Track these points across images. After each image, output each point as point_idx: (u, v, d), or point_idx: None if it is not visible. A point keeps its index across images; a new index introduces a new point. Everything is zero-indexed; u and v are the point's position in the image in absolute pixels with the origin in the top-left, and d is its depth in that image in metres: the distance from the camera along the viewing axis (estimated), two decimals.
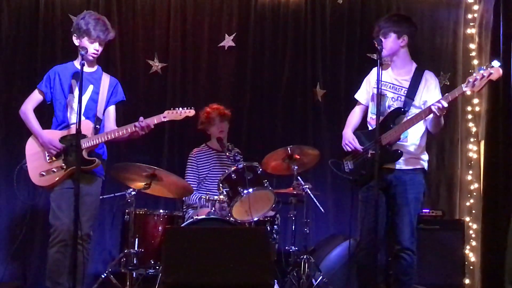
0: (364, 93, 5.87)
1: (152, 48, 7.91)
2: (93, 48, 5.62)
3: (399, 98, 5.59)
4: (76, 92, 5.64)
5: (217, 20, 8.03)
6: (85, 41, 5.62)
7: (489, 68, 5.09)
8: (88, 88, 5.66)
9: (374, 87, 5.63)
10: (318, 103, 8.05)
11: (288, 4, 8.10)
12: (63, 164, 5.56)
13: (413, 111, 5.51)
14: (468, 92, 5.40)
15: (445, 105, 5.21)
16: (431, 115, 5.35)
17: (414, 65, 5.71)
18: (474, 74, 5.15)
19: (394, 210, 5.58)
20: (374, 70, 5.69)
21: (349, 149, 5.72)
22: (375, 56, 5.52)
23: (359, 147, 5.67)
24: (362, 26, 8.07)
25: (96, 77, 5.77)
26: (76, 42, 5.69)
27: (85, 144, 5.49)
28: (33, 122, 5.70)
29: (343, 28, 8.14)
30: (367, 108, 5.86)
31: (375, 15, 7.95)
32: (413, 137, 5.56)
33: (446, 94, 5.32)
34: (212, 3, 8.02)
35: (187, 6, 7.96)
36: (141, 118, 5.60)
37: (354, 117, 5.92)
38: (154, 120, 5.65)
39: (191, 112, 5.79)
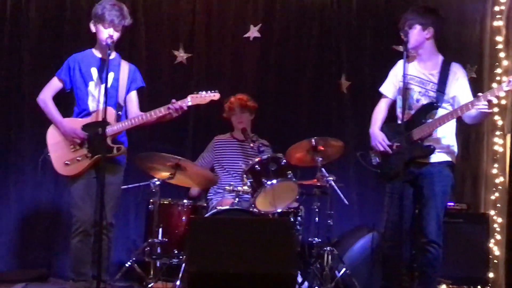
0: (391, 87, 5.82)
1: (177, 39, 7.92)
2: (108, 33, 5.55)
3: (426, 93, 5.55)
4: (97, 79, 5.65)
5: (242, 10, 8.03)
6: (100, 27, 5.60)
7: None
8: (108, 75, 5.59)
9: (400, 81, 5.59)
10: (343, 94, 8.03)
11: None
12: (88, 153, 5.56)
13: (444, 105, 5.48)
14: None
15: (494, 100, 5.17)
16: (474, 111, 5.29)
17: (441, 58, 5.66)
18: None
19: (421, 202, 5.56)
20: (400, 62, 5.66)
21: (381, 149, 5.68)
22: (401, 48, 5.48)
23: (388, 147, 5.63)
24: (388, 17, 8.01)
25: (116, 63, 5.76)
26: (92, 28, 5.68)
27: (109, 131, 5.50)
28: (53, 111, 5.69)
29: (369, 19, 8.10)
30: (392, 101, 5.82)
31: (401, 6, 7.85)
32: (444, 130, 5.52)
33: (492, 89, 5.25)
34: None
35: None
36: (173, 101, 5.57)
37: (379, 113, 5.87)
38: (180, 103, 5.61)
39: (216, 96, 5.73)
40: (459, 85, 5.53)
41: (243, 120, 7.04)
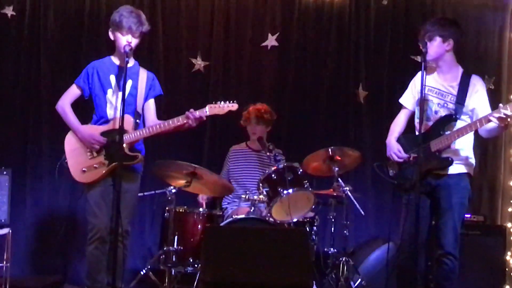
0: (410, 98, 5.78)
1: (195, 47, 7.93)
2: (126, 40, 5.54)
3: (445, 105, 5.51)
4: (116, 87, 5.66)
5: (260, 19, 8.04)
6: (118, 34, 5.59)
7: None
8: (127, 83, 5.58)
9: (419, 92, 5.57)
10: (360, 104, 8.01)
11: (332, 4, 8.07)
12: (105, 160, 5.56)
13: (462, 118, 5.45)
14: None
15: (508, 113, 5.13)
16: (490, 124, 5.27)
17: (461, 70, 5.62)
18: None
19: (438, 214, 5.52)
20: (420, 74, 5.64)
21: (396, 159, 5.65)
22: (418, 58, 5.46)
23: (405, 156, 5.61)
24: (406, 28, 8.01)
25: (134, 71, 5.75)
26: (111, 36, 5.67)
27: (126, 138, 5.50)
28: (71, 118, 5.69)
29: (387, 29, 8.09)
30: (412, 112, 5.79)
31: (419, 16, 7.89)
32: (462, 142, 5.48)
33: (506, 104, 5.21)
34: (256, 3, 8.03)
35: (230, 6, 7.97)
36: (191, 110, 5.56)
37: (398, 124, 5.83)
38: (199, 113, 5.59)
39: (234, 106, 5.69)
40: (478, 98, 5.49)
41: (257, 131, 7.02)
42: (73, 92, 5.77)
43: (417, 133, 5.65)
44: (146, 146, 5.87)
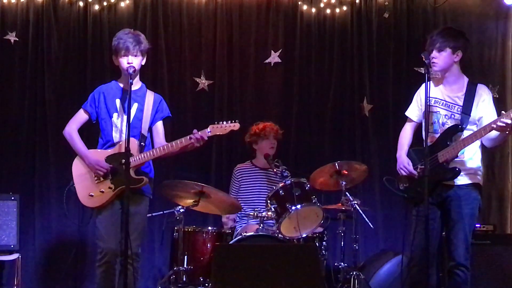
0: (416, 110, 5.76)
1: (198, 66, 7.96)
2: (126, 62, 5.55)
3: (452, 116, 5.49)
4: (121, 110, 5.67)
5: (263, 36, 8.07)
6: (119, 58, 5.59)
7: None
8: (132, 106, 5.59)
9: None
10: (365, 118, 8.02)
11: (334, 19, 8.10)
12: (111, 185, 5.55)
13: (469, 127, 5.44)
14: None
15: (509, 122, 5.12)
16: (493, 133, 5.26)
17: (466, 79, 5.60)
18: None
19: (448, 225, 5.49)
20: (424, 86, 5.66)
21: (404, 174, 5.64)
22: (422, 70, 5.45)
23: (414, 172, 5.59)
24: (408, 40, 8.03)
25: (141, 94, 5.76)
26: (115, 62, 5.70)
27: (131, 162, 5.50)
28: (78, 143, 5.68)
29: (390, 42, 8.11)
30: (418, 125, 5.77)
31: (422, 28, 7.92)
32: (470, 152, 5.46)
33: (508, 111, 5.20)
34: (258, 20, 8.07)
35: (233, 24, 8.01)
36: (195, 131, 5.56)
37: (405, 137, 5.81)
38: (201, 134, 5.60)
39: (235, 126, 5.69)
40: (485, 107, 5.48)
41: (274, 145, 7.03)
42: (81, 117, 5.77)
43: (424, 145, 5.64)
44: (156, 168, 5.87)
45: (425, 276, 5.31)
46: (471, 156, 5.48)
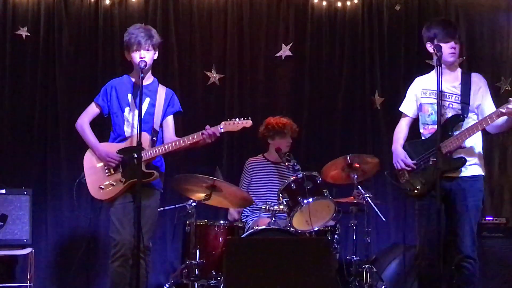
0: (410, 105, 5.75)
1: (209, 60, 7.96)
2: (139, 56, 5.57)
3: (450, 105, 5.48)
4: (133, 105, 5.68)
5: (273, 30, 8.07)
6: (131, 53, 5.62)
7: None
8: (144, 101, 5.61)
9: (421, 97, 5.60)
10: (376, 111, 8.01)
11: (345, 12, 8.09)
12: (122, 178, 5.58)
13: (469, 116, 5.43)
14: None
15: None
16: (500, 119, 5.25)
17: (459, 70, 5.63)
18: None
19: (454, 218, 5.46)
20: (417, 79, 5.73)
21: (400, 167, 5.63)
22: (433, 62, 5.44)
23: (410, 162, 5.58)
24: (420, 32, 7.96)
25: (152, 89, 5.77)
26: (127, 57, 5.71)
27: (143, 156, 5.51)
28: (90, 136, 5.71)
29: (401, 35, 8.10)
30: (413, 120, 5.76)
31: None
32: (471, 142, 5.45)
33: None
34: (269, 13, 8.06)
35: (243, 17, 8.00)
36: (207, 127, 5.57)
37: (401, 132, 5.80)
38: (213, 130, 5.62)
39: (248, 123, 5.72)
40: (482, 94, 5.48)
41: (289, 145, 7.01)
42: (92, 110, 5.80)
43: (423, 138, 5.63)
44: (166, 162, 5.88)
45: (434, 269, 5.27)
46: (474, 145, 5.46)
